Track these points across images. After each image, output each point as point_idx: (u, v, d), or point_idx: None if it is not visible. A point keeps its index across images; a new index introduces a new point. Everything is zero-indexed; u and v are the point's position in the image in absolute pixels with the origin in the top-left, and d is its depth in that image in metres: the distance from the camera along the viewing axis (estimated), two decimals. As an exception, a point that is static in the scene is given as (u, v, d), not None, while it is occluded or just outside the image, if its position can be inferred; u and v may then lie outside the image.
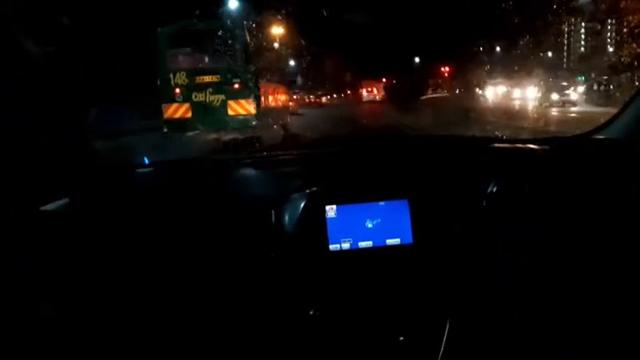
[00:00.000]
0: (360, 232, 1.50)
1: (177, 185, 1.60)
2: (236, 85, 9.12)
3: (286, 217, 1.48)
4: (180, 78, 9.10)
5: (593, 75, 21.96)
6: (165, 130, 9.05)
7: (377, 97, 26.92)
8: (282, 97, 12.85)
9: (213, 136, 7.69)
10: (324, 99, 26.51)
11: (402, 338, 1.37)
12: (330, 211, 1.49)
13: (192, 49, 9.43)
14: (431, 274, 1.47)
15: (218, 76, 9.16)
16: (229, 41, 9.01)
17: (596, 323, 1.38)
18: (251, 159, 1.71)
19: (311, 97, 23.89)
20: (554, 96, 17.53)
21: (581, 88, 19.72)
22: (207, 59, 9.54)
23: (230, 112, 9.11)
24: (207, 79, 9.18)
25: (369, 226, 1.51)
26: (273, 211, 1.47)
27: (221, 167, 1.71)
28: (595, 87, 19.89)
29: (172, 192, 1.56)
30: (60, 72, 1.72)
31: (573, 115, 14.27)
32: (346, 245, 1.49)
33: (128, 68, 9.90)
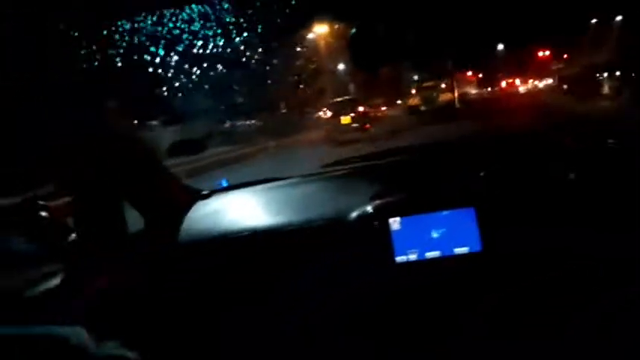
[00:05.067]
0: (426, 243, 1.49)
1: (242, 210, 1.71)
2: (443, 85, 22.80)
3: (350, 233, 1.51)
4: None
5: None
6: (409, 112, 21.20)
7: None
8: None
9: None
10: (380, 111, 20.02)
11: None
12: (394, 223, 1.50)
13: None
14: (502, 281, 1.42)
15: (432, 83, 23.51)
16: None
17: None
18: (315, 174, 1.77)
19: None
20: None
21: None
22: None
23: (439, 99, 21.47)
24: (428, 84, 23.11)
25: (435, 236, 1.49)
26: (336, 228, 1.51)
27: (280, 187, 1.79)
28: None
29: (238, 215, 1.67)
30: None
31: None
32: (413, 256, 1.49)
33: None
